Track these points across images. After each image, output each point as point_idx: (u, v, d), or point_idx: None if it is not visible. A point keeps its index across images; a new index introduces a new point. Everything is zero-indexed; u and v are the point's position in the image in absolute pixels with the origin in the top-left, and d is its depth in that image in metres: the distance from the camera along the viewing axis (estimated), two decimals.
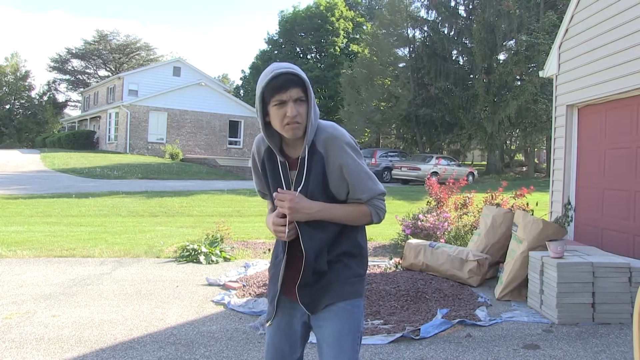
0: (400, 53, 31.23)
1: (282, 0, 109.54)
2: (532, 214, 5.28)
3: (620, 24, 5.24)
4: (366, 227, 1.89)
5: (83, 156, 25.50)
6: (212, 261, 6.36)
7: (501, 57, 25.76)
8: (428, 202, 7.57)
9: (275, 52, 43.27)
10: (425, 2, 28.22)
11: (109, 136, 31.37)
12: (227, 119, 32.19)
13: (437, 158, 22.54)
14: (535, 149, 30.15)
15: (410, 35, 29.44)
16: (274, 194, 1.77)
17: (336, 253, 1.79)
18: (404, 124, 30.47)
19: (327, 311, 1.78)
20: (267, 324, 1.88)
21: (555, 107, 6.61)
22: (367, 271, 2.09)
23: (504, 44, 25.26)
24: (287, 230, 1.74)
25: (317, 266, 1.76)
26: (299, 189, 1.73)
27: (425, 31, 29.00)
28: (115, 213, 11.25)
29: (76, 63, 51.19)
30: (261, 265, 6.10)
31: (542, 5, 24.09)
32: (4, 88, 47.63)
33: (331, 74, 39.56)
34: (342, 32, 41.78)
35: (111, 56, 50.10)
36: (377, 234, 8.28)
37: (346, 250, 1.81)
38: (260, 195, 1.98)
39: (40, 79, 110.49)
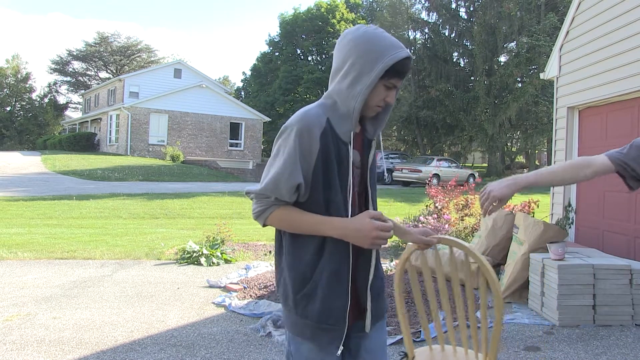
0: None
1: (282, 3, 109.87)
2: (533, 216, 5.28)
3: (621, 26, 5.25)
4: None
5: (84, 158, 25.53)
6: (213, 263, 6.36)
7: (502, 59, 25.82)
8: (427, 205, 7.57)
9: (277, 53, 43.32)
10: (426, 4, 28.30)
11: (110, 138, 31.39)
12: (228, 121, 32.19)
13: (438, 160, 22.54)
14: (536, 151, 30.18)
15: (411, 37, 29.50)
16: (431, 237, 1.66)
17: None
18: (404, 126, 30.52)
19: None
20: (339, 351, 1.49)
21: (556, 109, 6.62)
22: None
23: (505, 46, 25.32)
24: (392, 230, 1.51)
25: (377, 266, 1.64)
26: (381, 165, 1.60)
27: (426, 33, 29.05)
28: (116, 215, 11.27)
29: (77, 65, 51.36)
30: (262, 267, 6.10)
31: (543, 8, 24.14)
32: (5, 90, 47.81)
33: None
34: None
35: (112, 58, 50.16)
36: None
37: None
38: (290, 191, 1.41)
39: (41, 81, 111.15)
